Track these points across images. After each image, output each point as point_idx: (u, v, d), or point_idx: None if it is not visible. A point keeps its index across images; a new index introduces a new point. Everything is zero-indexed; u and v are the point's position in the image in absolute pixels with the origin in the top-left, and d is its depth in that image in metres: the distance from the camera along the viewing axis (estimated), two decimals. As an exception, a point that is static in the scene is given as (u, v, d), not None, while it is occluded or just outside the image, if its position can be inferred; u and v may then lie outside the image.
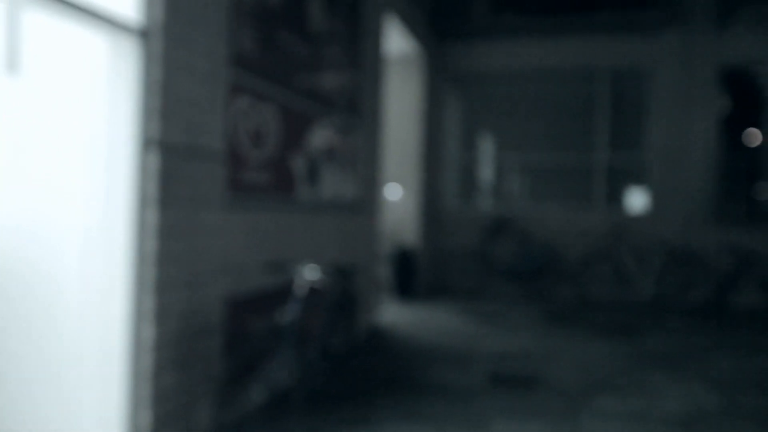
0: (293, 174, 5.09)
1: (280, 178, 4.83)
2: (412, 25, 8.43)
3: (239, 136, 4.17)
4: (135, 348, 3.10)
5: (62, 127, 3.25)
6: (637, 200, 9.68)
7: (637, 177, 9.67)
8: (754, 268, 8.63)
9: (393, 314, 7.89)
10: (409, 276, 8.94)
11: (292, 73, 5.05)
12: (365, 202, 6.75)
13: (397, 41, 8.58)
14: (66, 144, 3.25)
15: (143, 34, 3.13)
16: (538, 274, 9.55)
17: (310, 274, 3.80)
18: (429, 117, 9.82)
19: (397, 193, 9.44)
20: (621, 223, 9.42)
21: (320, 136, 5.65)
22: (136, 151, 3.10)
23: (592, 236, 9.54)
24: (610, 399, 4.57)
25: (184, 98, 3.39)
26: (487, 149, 10.54)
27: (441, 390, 4.71)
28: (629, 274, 9.18)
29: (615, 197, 9.73)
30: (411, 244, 9.31)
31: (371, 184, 6.97)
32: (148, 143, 3.13)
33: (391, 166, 9.41)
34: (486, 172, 10.51)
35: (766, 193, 9.56)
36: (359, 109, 6.67)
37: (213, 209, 3.73)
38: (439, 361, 5.60)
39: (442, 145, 10.38)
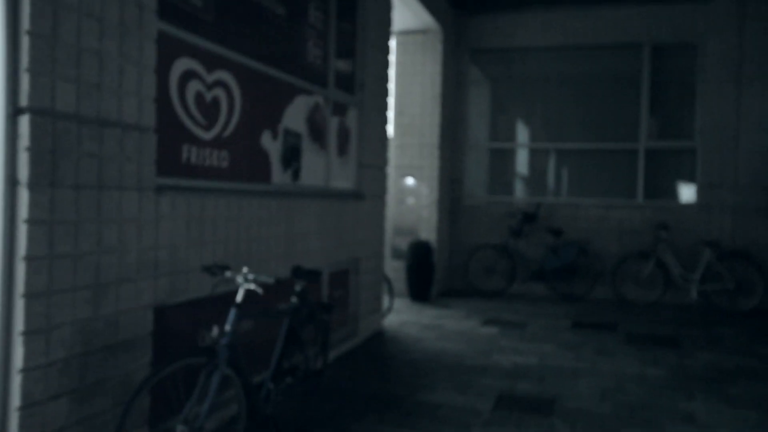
0: (264, 155, 4.34)
1: (244, 159, 4.07)
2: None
3: (182, 106, 3.43)
4: (2, 373, 2.39)
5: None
6: (681, 192, 8.62)
7: (682, 165, 8.61)
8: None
9: (402, 317, 7.09)
10: (425, 274, 8.10)
11: (261, 38, 4.28)
12: (365, 191, 5.94)
13: (409, 13, 7.73)
14: None
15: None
16: (569, 273, 8.59)
17: (255, 279, 3.02)
18: (450, 98, 8.95)
19: (411, 182, 8.61)
20: (663, 217, 8.40)
21: (302, 115, 4.87)
22: (3, 121, 2.38)
23: (631, 231, 8.54)
24: (641, 433, 3.69)
25: (83, 53, 2.65)
26: (515, 134, 9.60)
27: (432, 416, 3.89)
28: (672, 274, 8.16)
29: (657, 188, 8.68)
30: (428, 239, 8.47)
31: (373, 170, 6.16)
32: (17, 110, 2.40)
33: (406, 152, 8.60)
34: (514, 159, 9.57)
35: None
36: (357, 85, 5.86)
37: (135, 196, 2.99)
38: (441, 375, 4.77)
39: (465, 130, 9.48)
